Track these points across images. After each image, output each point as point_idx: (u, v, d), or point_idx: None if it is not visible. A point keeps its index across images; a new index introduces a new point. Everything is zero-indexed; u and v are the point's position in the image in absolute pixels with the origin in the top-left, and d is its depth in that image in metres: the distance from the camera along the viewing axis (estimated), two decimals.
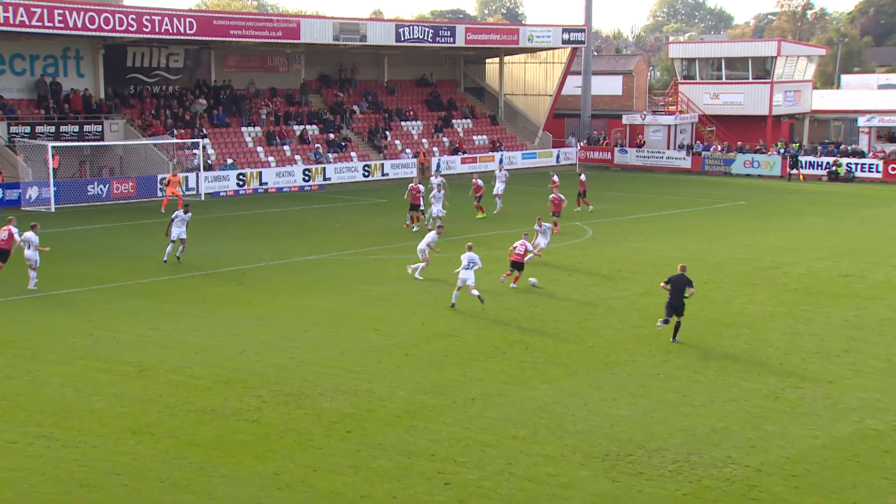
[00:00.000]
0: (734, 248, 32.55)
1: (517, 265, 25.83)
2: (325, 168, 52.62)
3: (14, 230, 26.21)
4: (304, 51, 58.25)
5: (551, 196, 36.21)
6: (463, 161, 58.66)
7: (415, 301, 24.86)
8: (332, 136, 56.29)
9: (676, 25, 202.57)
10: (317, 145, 54.65)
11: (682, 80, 65.74)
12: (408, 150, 57.98)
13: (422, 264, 27.54)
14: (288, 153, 53.37)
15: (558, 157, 63.37)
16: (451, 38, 58.22)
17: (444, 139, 61.05)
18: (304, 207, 44.33)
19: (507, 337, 21.33)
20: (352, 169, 53.82)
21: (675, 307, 20.77)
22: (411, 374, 18.66)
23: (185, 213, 29.80)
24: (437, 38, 57.57)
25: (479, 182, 39.90)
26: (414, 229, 35.74)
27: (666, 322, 20.80)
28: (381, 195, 49.18)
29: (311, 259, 31.00)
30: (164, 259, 29.50)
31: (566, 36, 62.88)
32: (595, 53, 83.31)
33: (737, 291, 25.78)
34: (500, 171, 42.09)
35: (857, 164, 54.81)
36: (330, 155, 54.46)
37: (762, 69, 62.94)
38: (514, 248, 25.92)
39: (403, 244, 33.50)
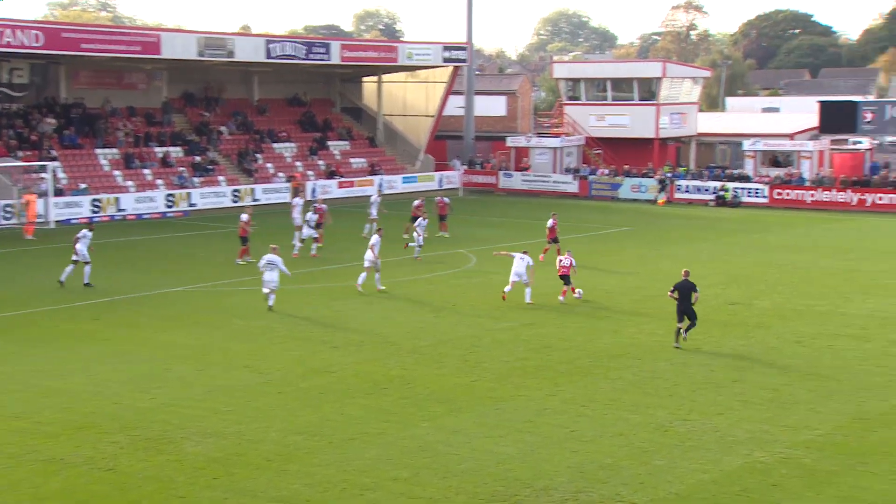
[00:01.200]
0: (623, 275, 33.42)
1: (565, 278, 28.75)
2: (190, 193, 51.70)
3: None
4: (166, 67, 57.25)
5: (550, 223, 36.15)
6: (340, 185, 58.53)
7: (289, 335, 24.62)
8: (197, 158, 55.37)
9: (560, 44, 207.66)
10: (181, 169, 53.67)
11: (568, 101, 67.33)
12: (280, 174, 57.52)
13: (377, 273, 30.02)
14: (149, 177, 52.22)
15: (441, 181, 63.92)
16: (326, 56, 58.21)
17: (320, 162, 60.81)
18: (167, 236, 43.41)
19: (386, 372, 21.31)
20: (220, 194, 53.02)
21: (686, 312, 23.68)
22: (284, 413, 18.44)
23: (90, 230, 31.12)
24: (311, 55, 57.47)
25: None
26: (238, 262, 35.41)
27: (680, 327, 23.73)
28: (253, 221, 48.46)
29: (175, 291, 30.38)
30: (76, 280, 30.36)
31: (447, 54, 63.68)
32: (477, 72, 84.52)
33: (626, 321, 26.46)
34: (377, 196, 42.38)
35: (743, 189, 57.12)
36: (195, 179, 53.53)
37: (648, 91, 65.05)
38: (560, 261, 29.09)
39: None
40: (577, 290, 29.00)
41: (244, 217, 36.08)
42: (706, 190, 58.16)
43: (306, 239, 37.49)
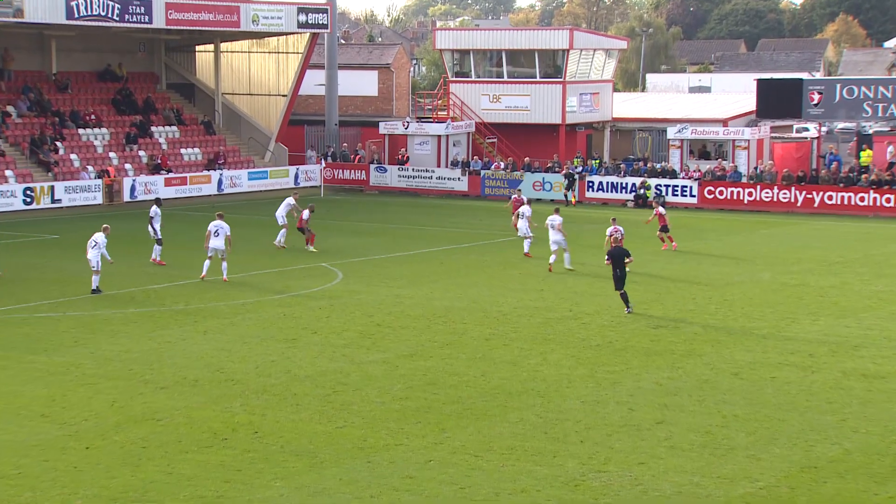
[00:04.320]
0: (524, 293, 33.80)
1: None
2: None
3: None
4: None
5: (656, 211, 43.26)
6: (168, 182, 57.66)
7: (102, 374, 24.14)
8: None
9: (445, 7, 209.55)
10: None
11: (454, 78, 67.88)
12: (89, 168, 56.39)
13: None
14: None
15: (297, 176, 63.63)
16: (146, 16, 57.27)
17: (141, 153, 59.85)
18: None
19: (229, 419, 21.08)
20: (7, 193, 51.73)
21: (623, 277, 30.53)
22: (94, 475, 18.06)
23: None
24: (127, 17, 56.44)
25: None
26: None
27: (624, 296, 30.69)
28: (52, 229, 47.46)
29: None
30: None
31: (303, 17, 63.50)
32: (342, 41, 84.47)
33: (527, 350, 26.76)
34: (294, 198, 43.49)
35: (667, 187, 58.47)
36: None
37: (552, 65, 66.09)
38: (611, 235, 35.55)
39: (88, 295, 32.58)
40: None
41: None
42: (623, 187, 59.34)
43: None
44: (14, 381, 23.58)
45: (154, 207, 38.54)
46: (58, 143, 57.16)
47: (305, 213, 41.57)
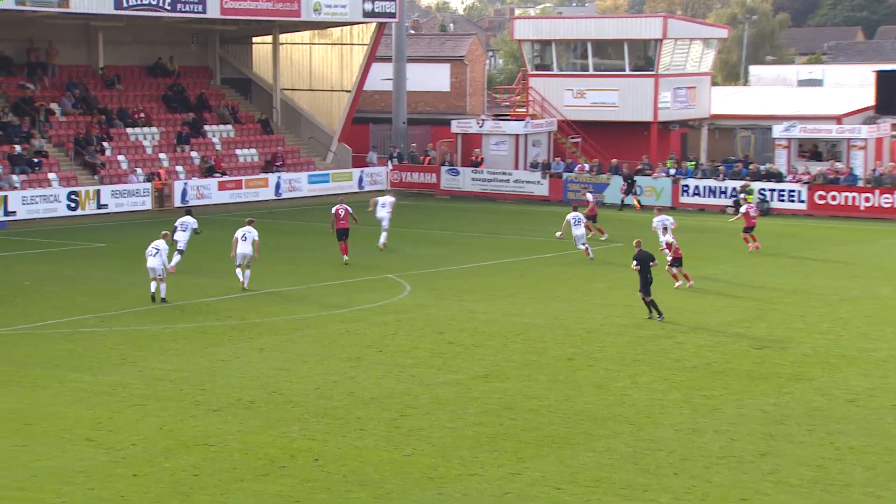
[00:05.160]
0: (611, 308, 33.65)
1: (678, 261, 36.48)
2: (6, 197, 51.11)
3: None
4: None
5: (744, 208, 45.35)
6: (222, 186, 58.20)
7: (151, 395, 24.39)
8: (18, 148, 54.74)
9: None
10: None
11: (534, 72, 67.80)
12: (138, 170, 57.09)
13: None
14: None
15: (361, 179, 63.95)
16: (200, 6, 57.92)
17: (193, 154, 60.47)
18: None
19: (287, 444, 21.21)
20: (50, 198, 52.45)
21: (651, 281, 31.90)
22: None
23: None
24: (179, 6, 57.12)
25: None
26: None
27: (653, 304, 31.99)
28: (99, 237, 48.05)
29: None
30: None
31: (369, 6, 63.78)
32: (411, 32, 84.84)
33: (614, 372, 26.62)
34: (386, 198, 45.19)
35: (772, 191, 57.93)
36: (15, 177, 52.93)
37: (643, 57, 65.76)
38: (671, 244, 36.73)
39: (136, 309, 32.92)
40: (690, 280, 36.83)
41: None
42: (722, 192, 58.89)
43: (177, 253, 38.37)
44: (57, 402, 23.86)
45: (192, 218, 39.63)
46: (104, 144, 57.92)
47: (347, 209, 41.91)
